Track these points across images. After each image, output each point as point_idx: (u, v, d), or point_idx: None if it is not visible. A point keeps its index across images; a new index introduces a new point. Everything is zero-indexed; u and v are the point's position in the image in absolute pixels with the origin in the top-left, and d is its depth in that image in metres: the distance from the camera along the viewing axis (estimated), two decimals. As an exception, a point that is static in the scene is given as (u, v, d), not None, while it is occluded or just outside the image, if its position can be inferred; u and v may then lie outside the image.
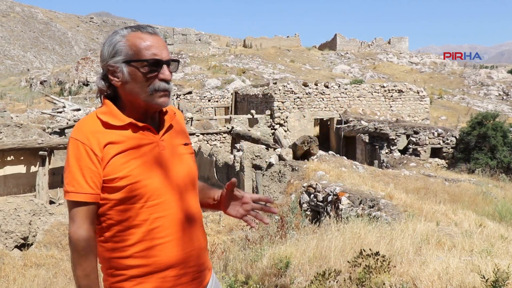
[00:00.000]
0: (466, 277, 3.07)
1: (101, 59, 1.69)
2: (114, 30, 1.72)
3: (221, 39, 71.06)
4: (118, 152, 1.60)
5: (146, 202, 1.61)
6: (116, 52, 1.65)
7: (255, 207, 1.89)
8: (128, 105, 1.69)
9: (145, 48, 1.64)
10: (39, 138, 14.51)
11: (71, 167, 1.59)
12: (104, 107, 1.68)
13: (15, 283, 5.84)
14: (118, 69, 1.64)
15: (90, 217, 1.60)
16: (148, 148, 1.65)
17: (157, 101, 1.66)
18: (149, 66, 1.63)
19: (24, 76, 52.59)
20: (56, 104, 30.45)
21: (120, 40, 1.65)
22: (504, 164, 15.96)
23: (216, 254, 5.79)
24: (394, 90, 24.61)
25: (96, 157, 1.58)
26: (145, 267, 1.62)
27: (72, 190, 1.58)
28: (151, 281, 1.63)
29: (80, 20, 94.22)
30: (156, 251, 1.63)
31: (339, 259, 3.78)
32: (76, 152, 1.59)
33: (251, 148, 11.91)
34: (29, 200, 8.94)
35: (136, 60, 1.63)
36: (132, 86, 1.64)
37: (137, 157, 1.62)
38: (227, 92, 31.18)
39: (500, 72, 49.01)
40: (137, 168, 1.60)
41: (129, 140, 1.63)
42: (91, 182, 1.57)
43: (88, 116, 1.69)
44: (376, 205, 6.93)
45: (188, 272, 1.70)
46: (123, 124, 1.64)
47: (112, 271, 1.64)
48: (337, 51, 58.51)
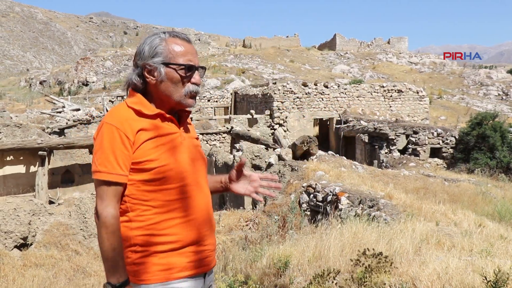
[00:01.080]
0: (465, 277, 3.07)
1: (139, 57, 1.87)
2: (154, 33, 1.92)
3: (220, 39, 71.01)
4: (149, 138, 1.78)
5: (171, 184, 1.79)
6: (157, 54, 1.84)
7: (263, 185, 2.10)
8: (157, 100, 1.88)
9: (182, 54, 1.85)
10: (38, 138, 14.50)
11: (105, 149, 1.75)
12: (135, 98, 1.86)
13: (14, 283, 5.84)
14: (156, 68, 1.83)
15: (117, 196, 1.76)
16: (173, 136, 1.85)
17: (187, 102, 1.88)
18: (185, 70, 1.85)
19: (24, 76, 52.55)
20: (55, 104, 30.40)
21: (160, 43, 1.85)
22: (503, 164, 15.95)
23: (215, 254, 5.78)
24: (393, 90, 24.61)
25: (129, 141, 1.75)
26: (168, 244, 1.78)
27: (104, 170, 1.74)
28: (173, 255, 1.79)
29: (79, 20, 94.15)
30: (178, 229, 1.80)
31: (338, 259, 3.78)
32: (111, 136, 1.75)
33: (251, 148, 11.91)
34: (28, 200, 8.93)
35: (174, 64, 1.83)
36: (167, 86, 1.85)
37: (164, 143, 1.80)
38: (227, 92, 31.19)
39: (500, 72, 49.02)
40: (164, 153, 1.79)
41: (158, 128, 1.81)
42: (122, 164, 1.75)
43: (119, 105, 1.87)
44: (376, 205, 6.93)
45: (204, 250, 1.88)
46: (154, 114, 1.83)
47: (135, 248, 1.78)
48: (337, 51, 58.51)
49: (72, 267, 6.84)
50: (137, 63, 1.87)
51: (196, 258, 1.84)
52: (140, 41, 1.95)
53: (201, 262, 1.87)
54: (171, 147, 1.82)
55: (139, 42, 2.04)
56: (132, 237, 1.78)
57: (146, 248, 1.77)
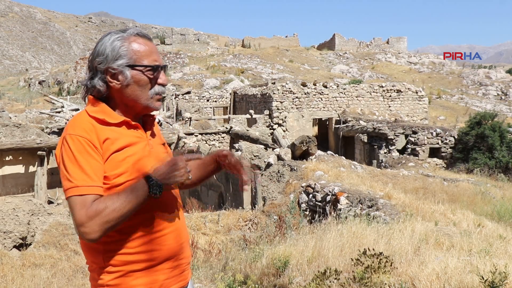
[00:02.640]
0: (464, 277, 3.07)
1: (100, 60, 1.69)
2: (110, 31, 1.75)
3: (219, 39, 71.00)
4: (116, 150, 1.63)
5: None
6: (120, 56, 1.68)
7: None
8: (121, 106, 1.74)
9: (147, 54, 1.71)
10: (37, 138, 14.48)
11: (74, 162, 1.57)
12: (96, 106, 1.71)
13: (13, 283, 5.83)
14: (120, 72, 1.68)
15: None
16: (140, 146, 1.72)
17: (155, 105, 1.75)
18: (152, 71, 1.71)
19: (23, 76, 52.47)
20: (54, 104, 30.42)
21: (122, 44, 1.69)
22: (502, 164, 15.97)
23: (214, 254, 5.79)
24: (392, 90, 24.63)
25: (97, 150, 1.60)
26: (144, 262, 1.66)
27: (80, 184, 1.55)
28: (149, 274, 1.67)
29: (78, 20, 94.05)
30: (154, 245, 1.68)
31: (337, 259, 3.78)
32: (79, 147, 1.58)
33: (250, 148, 11.91)
34: (27, 200, 8.92)
35: (140, 65, 1.69)
36: (133, 89, 1.70)
37: (132, 154, 1.66)
38: (226, 92, 31.17)
39: (499, 72, 49.08)
40: (132, 166, 1.65)
41: (124, 137, 1.68)
42: (94, 175, 1.57)
43: (79, 115, 1.70)
44: (375, 205, 6.93)
45: (180, 264, 1.77)
46: (119, 122, 1.69)
47: (109, 268, 1.64)
48: (336, 51, 58.52)
49: (71, 267, 6.83)
50: (97, 67, 1.69)
51: (173, 274, 1.74)
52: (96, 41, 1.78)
53: (178, 278, 1.77)
54: (139, 158, 1.68)
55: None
56: (105, 256, 1.65)
57: (120, 268, 1.64)
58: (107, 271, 1.65)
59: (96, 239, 1.52)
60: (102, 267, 1.66)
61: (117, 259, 1.64)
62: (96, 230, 1.51)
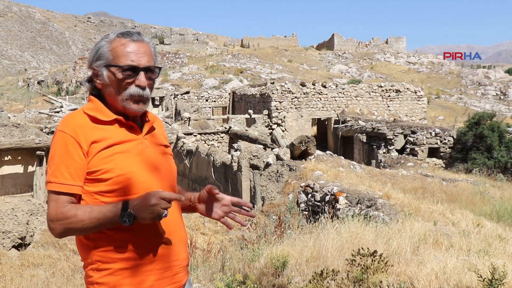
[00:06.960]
0: (463, 277, 3.08)
1: (88, 60, 1.79)
2: (105, 35, 1.79)
3: (218, 39, 70.96)
4: (105, 147, 1.66)
5: (130, 194, 1.65)
6: (100, 56, 1.74)
7: (234, 210, 1.88)
8: (111, 105, 1.76)
9: (123, 55, 1.71)
10: (36, 138, 14.47)
11: (56, 158, 1.64)
12: (91, 104, 1.76)
13: (12, 283, 5.83)
14: (99, 72, 1.74)
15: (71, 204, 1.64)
16: (132, 144, 1.73)
17: (131, 106, 1.73)
18: (124, 72, 1.71)
19: (22, 76, 52.42)
20: (53, 104, 30.37)
21: (104, 45, 1.74)
22: (501, 164, 16.00)
23: (213, 254, 5.78)
24: (391, 90, 24.64)
25: (82, 150, 1.64)
26: (131, 260, 1.66)
27: (55, 180, 1.62)
28: (137, 274, 1.66)
29: (77, 20, 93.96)
30: (143, 243, 1.67)
31: (336, 259, 3.78)
32: (63, 144, 1.64)
33: (249, 148, 11.91)
34: (26, 200, 8.91)
35: (114, 66, 1.71)
36: (110, 90, 1.73)
37: (122, 151, 1.69)
38: (225, 92, 31.18)
39: (498, 72, 49.10)
40: (121, 162, 1.67)
41: (114, 135, 1.70)
42: (74, 174, 1.63)
43: (75, 112, 1.76)
44: (374, 205, 6.94)
45: (172, 266, 1.75)
46: (110, 120, 1.72)
47: (97, 266, 1.66)
48: (335, 51, 58.49)
49: (70, 267, 6.83)
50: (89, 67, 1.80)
51: (165, 276, 1.72)
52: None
53: (171, 280, 1.74)
54: (129, 156, 1.69)
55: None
56: (93, 254, 1.66)
57: (109, 265, 1.65)
58: (96, 268, 1.67)
59: (57, 237, 1.63)
60: (92, 264, 1.68)
61: (106, 256, 1.66)
62: (59, 231, 1.60)
